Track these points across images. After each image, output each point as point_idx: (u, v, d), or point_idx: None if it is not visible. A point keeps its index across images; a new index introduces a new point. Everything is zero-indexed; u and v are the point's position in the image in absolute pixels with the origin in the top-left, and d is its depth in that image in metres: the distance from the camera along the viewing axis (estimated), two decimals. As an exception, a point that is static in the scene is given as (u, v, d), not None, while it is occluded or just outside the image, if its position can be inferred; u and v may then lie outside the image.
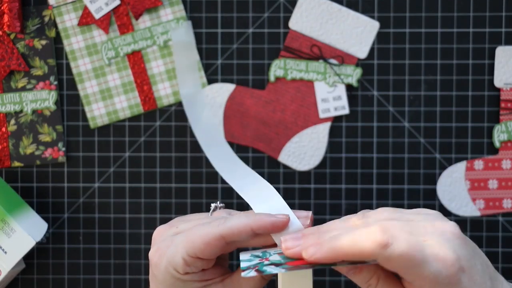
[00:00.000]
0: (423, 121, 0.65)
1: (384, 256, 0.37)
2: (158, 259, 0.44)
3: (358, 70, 0.65)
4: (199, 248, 0.42)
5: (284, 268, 0.39)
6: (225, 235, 0.42)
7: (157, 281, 0.44)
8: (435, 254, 0.38)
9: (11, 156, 0.65)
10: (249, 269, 0.40)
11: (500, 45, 0.64)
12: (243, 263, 0.41)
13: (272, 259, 0.41)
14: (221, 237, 0.42)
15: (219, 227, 0.43)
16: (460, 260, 0.38)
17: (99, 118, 0.65)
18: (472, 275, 0.39)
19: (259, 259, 0.42)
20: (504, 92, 0.64)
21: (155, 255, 0.44)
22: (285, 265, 0.39)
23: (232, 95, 0.65)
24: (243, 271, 0.39)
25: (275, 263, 0.40)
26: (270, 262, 0.40)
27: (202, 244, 0.42)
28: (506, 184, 0.65)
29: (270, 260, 0.41)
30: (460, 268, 0.38)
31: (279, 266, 0.39)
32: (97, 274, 0.66)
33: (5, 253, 0.59)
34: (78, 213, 0.66)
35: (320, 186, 0.65)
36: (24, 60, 0.65)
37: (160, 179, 0.66)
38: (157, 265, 0.44)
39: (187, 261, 0.43)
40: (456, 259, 0.38)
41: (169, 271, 0.43)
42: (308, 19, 0.64)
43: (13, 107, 0.65)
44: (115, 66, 0.65)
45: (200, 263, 0.44)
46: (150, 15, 0.65)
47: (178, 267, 0.43)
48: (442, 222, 0.40)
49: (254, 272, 0.39)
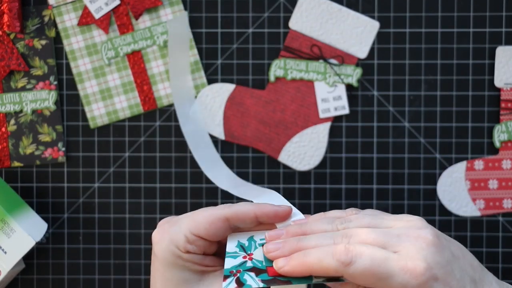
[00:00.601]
0: (423, 121, 0.65)
1: (348, 274, 0.39)
2: (161, 237, 0.45)
3: (358, 70, 0.65)
4: (203, 227, 0.44)
5: (264, 282, 0.40)
6: (230, 217, 0.44)
7: (157, 261, 0.45)
8: (402, 266, 0.39)
9: (11, 156, 0.65)
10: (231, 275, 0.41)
11: (501, 45, 0.64)
12: (227, 263, 0.42)
13: (255, 257, 0.42)
14: (225, 218, 0.44)
15: (224, 209, 0.44)
16: (432, 269, 0.39)
17: (99, 118, 0.65)
18: (448, 282, 0.39)
19: (243, 255, 0.43)
20: (505, 92, 0.64)
21: (158, 234, 0.45)
22: (265, 274, 0.41)
23: (232, 95, 0.65)
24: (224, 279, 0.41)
25: (256, 267, 0.42)
26: (252, 265, 0.42)
27: (206, 223, 0.44)
28: (506, 184, 0.65)
29: (253, 257, 0.42)
30: (432, 277, 0.39)
31: (259, 276, 0.41)
32: (97, 274, 0.66)
33: (5, 253, 0.59)
34: (78, 213, 0.66)
35: (320, 186, 0.65)
36: (24, 60, 0.65)
37: (160, 179, 0.66)
38: (159, 242, 0.45)
39: (189, 239, 0.44)
40: (427, 268, 0.39)
41: (170, 248, 0.44)
42: (308, 19, 0.64)
43: (13, 107, 0.65)
44: (115, 66, 0.65)
45: (202, 242, 0.44)
46: (150, 15, 0.65)
47: (180, 244, 0.44)
48: (419, 230, 0.41)
49: (235, 283, 0.40)
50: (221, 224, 0.44)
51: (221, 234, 0.45)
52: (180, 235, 0.44)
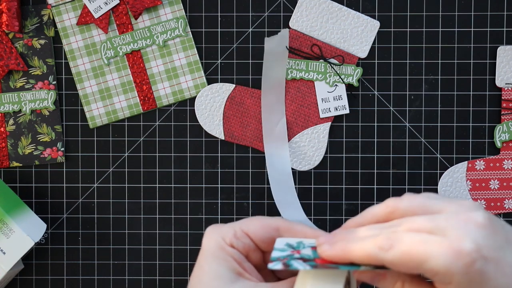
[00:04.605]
0: (424, 121, 0.65)
1: (387, 260, 0.38)
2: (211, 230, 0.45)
3: (358, 70, 0.64)
4: (253, 227, 0.45)
5: (310, 265, 0.40)
6: (281, 229, 0.45)
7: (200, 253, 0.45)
8: (446, 247, 0.37)
9: (10, 156, 0.65)
10: (277, 260, 0.41)
11: (502, 45, 0.64)
12: (275, 253, 0.42)
13: (303, 253, 0.42)
14: (277, 228, 0.45)
15: (278, 221, 0.45)
16: (481, 250, 0.37)
17: (98, 118, 0.65)
18: (501, 266, 0.38)
19: (291, 250, 0.43)
20: (506, 92, 0.64)
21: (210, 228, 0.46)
22: (312, 261, 0.41)
23: (232, 95, 0.65)
24: (270, 262, 0.41)
25: (304, 258, 0.41)
26: (300, 256, 0.42)
27: (258, 225, 0.45)
28: (507, 185, 0.64)
29: (302, 253, 0.42)
30: (481, 257, 0.37)
31: (307, 262, 0.41)
32: (96, 275, 0.66)
33: (4, 253, 0.59)
34: (77, 213, 0.66)
35: (320, 186, 0.65)
36: (22, 60, 0.64)
37: (159, 179, 0.65)
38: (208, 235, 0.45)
39: (237, 234, 0.44)
40: (474, 249, 0.37)
41: (216, 239, 0.44)
42: (308, 18, 0.64)
43: (11, 107, 0.65)
44: (114, 65, 0.65)
45: (248, 241, 0.45)
46: (150, 14, 0.65)
47: (227, 236, 0.44)
48: (469, 213, 0.39)
49: (281, 265, 0.40)
50: (271, 231, 0.45)
51: (268, 241, 0.45)
52: (230, 229, 0.45)
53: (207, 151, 0.65)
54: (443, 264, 0.37)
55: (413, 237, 0.38)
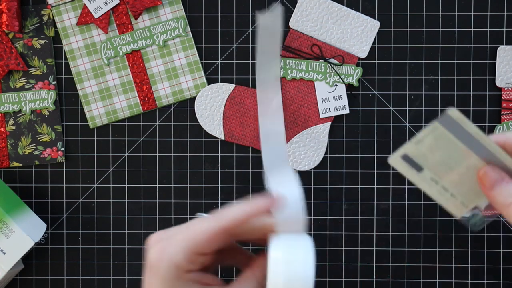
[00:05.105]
0: (424, 121, 0.65)
1: (489, 195, 0.42)
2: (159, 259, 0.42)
3: (358, 70, 0.64)
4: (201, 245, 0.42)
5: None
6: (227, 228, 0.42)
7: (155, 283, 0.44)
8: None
9: (10, 156, 0.65)
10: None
11: (502, 45, 0.64)
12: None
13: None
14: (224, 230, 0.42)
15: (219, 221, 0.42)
16: None
17: (98, 118, 0.65)
18: None
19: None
20: (506, 92, 0.64)
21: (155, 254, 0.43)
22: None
23: (232, 95, 0.65)
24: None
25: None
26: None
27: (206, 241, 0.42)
28: (507, 185, 0.64)
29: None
30: None
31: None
32: (96, 275, 0.66)
33: (4, 253, 0.59)
34: (77, 213, 0.66)
35: (320, 186, 0.65)
36: (22, 60, 0.64)
37: (159, 179, 0.65)
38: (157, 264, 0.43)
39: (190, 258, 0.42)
40: None
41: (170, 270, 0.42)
42: (308, 18, 0.64)
43: (11, 107, 0.65)
44: (114, 65, 0.65)
45: (202, 258, 0.43)
46: (150, 14, 0.65)
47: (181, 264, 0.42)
48: None
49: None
50: (221, 237, 0.42)
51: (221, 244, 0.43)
52: (179, 255, 0.42)
53: (207, 151, 0.65)
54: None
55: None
